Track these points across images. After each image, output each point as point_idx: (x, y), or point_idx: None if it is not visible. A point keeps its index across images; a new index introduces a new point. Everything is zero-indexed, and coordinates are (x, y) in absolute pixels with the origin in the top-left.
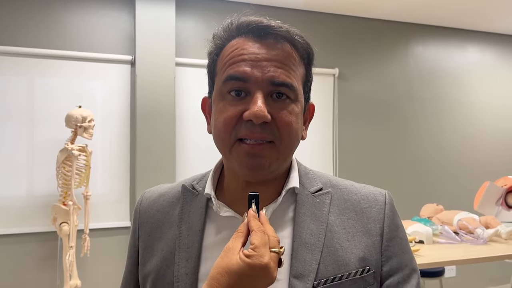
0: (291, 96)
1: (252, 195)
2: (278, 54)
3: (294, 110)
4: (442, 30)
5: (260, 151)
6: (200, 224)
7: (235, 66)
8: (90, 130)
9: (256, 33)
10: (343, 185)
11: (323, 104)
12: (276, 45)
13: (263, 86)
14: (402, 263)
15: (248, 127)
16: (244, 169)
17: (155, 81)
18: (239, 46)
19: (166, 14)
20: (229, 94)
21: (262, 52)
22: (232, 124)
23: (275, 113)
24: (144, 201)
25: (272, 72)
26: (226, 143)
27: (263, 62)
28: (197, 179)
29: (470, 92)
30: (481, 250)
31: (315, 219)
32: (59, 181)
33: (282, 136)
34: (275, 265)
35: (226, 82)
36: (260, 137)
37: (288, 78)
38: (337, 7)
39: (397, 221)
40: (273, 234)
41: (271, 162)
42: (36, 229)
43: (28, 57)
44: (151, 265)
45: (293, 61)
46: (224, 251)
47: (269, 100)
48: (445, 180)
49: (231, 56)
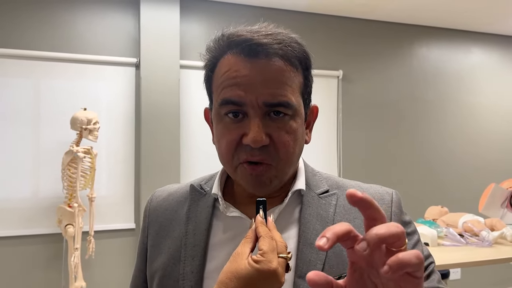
0: (289, 112)
1: (260, 201)
2: (272, 74)
3: (292, 127)
4: (446, 32)
5: (260, 172)
6: (206, 223)
7: (229, 90)
8: (95, 132)
9: (247, 53)
10: (350, 186)
11: (327, 106)
12: (268, 64)
13: (260, 108)
14: None
15: (248, 150)
16: (249, 187)
17: (160, 83)
18: (231, 67)
19: (170, 17)
20: (227, 116)
21: (254, 74)
22: (233, 148)
23: (273, 133)
24: (154, 200)
25: (267, 94)
26: (230, 165)
27: (256, 84)
28: (206, 179)
29: (474, 93)
30: (486, 253)
31: (321, 220)
32: (64, 183)
33: (280, 157)
34: (282, 270)
35: (222, 106)
36: (259, 159)
37: (284, 97)
38: (340, 9)
39: (405, 218)
40: (280, 239)
41: (272, 179)
42: (41, 231)
43: (33, 60)
44: (159, 262)
45: (288, 75)
46: (233, 256)
47: (266, 119)
48: (450, 182)
49: (225, 78)
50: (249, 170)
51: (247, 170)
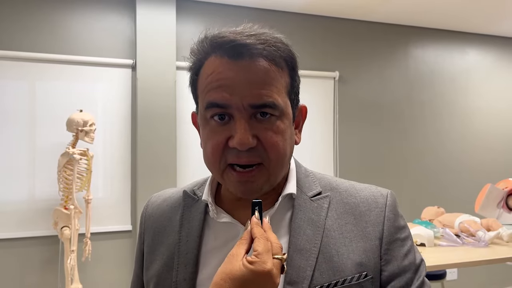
0: (276, 113)
1: (255, 202)
2: (256, 75)
3: (279, 128)
4: (441, 33)
5: (250, 178)
6: (198, 230)
7: (214, 93)
8: (91, 134)
9: (231, 55)
10: (344, 188)
11: (324, 107)
12: (252, 64)
13: (245, 110)
14: (405, 266)
15: (235, 153)
16: (239, 193)
17: (156, 85)
18: (215, 69)
19: (166, 18)
20: (213, 119)
21: (238, 75)
22: (219, 151)
23: (261, 134)
24: (150, 206)
25: (251, 95)
26: (216, 168)
27: (241, 86)
28: (199, 184)
29: (470, 94)
30: (483, 253)
31: (312, 224)
32: (60, 185)
33: (270, 157)
34: (277, 271)
35: (207, 109)
36: (247, 162)
37: (269, 97)
38: (337, 10)
39: (399, 223)
40: (276, 241)
41: (263, 185)
42: (37, 233)
43: (29, 62)
44: (154, 269)
45: (273, 76)
46: (228, 257)
47: (253, 121)
48: (446, 182)
49: (209, 81)
50: (237, 176)
51: (235, 177)
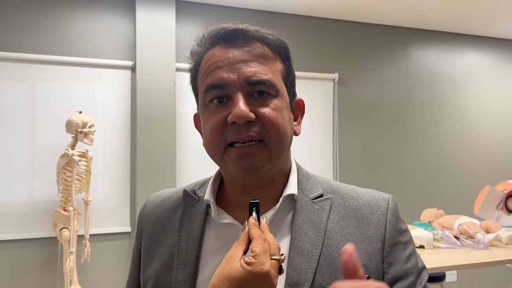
0: (272, 92)
1: (253, 203)
2: (250, 53)
3: (277, 106)
4: (441, 35)
5: (251, 151)
6: (199, 230)
7: (212, 75)
8: (91, 136)
9: (226, 40)
10: (345, 191)
11: (323, 109)
12: (247, 45)
13: (242, 87)
14: (407, 269)
15: (234, 129)
16: (239, 172)
17: (156, 87)
18: (213, 55)
19: (166, 20)
20: (212, 102)
21: (234, 55)
22: (218, 130)
23: (259, 111)
24: (148, 206)
25: (247, 72)
26: (216, 151)
27: (237, 64)
28: (199, 184)
29: (469, 96)
30: (482, 255)
31: (314, 226)
32: (59, 186)
33: (270, 133)
34: (275, 272)
35: (207, 92)
36: (247, 137)
37: (264, 75)
38: (336, 12)
39: (401, 226)
40: (273, 241)
41: (264, 162)
42: (36, 234)
43: (29, 63)
44: (151, 270)
45: (267, 57)
46: (226, 258)
47: (250, 99)
48: (445, 184)
49: (207, 66)
50: (237, 151)
51: (235, 152)
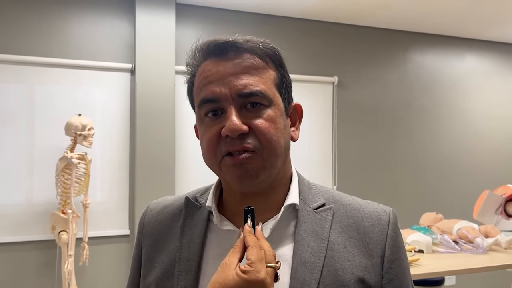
0: (264, 102)
1: (248, 210)
2: (241, 65)
3: (270, 116)
4: (440, 39)
5: (245, 160)
6: (200, 237)
7: (205, 89)
8: (90, 138)
9: (217, 53)
10: (347, 202)
11: (322, 112)
12: (237, 57)
13: (234, 100)
14: (404, 284)
15: (228, 142)
16: (235, 180)
17: (155, 89)
18: (205, 69)
19: (166, 22)
20: (207, 116)
21: (225, 68)
22: (214, 143)
23: (252, 122)
24: (149, 213)
25: (238, 85)
26: (214, 162)
27: (228, 77)
28: (201, 191)
29: (468, 99)
30: (481, 260)
31: (316, 237)
32: (58, 189)
33: (263, 144)
34: (271, 280)
35: (201, 106)
36: (241, 149)
37: (255, 86)
38: (336, 16)
39: (400, 242)
40: (269, 249)
41: (258, 170)
42: (34, 237)
43: (29, 65)
44: (152, 277)
45: (257, 67)
46: (221, 266)
47: (244, 111)
48: (444, 188)
49: (200, 81)
50: (232, 160)
51: (230, 162)
